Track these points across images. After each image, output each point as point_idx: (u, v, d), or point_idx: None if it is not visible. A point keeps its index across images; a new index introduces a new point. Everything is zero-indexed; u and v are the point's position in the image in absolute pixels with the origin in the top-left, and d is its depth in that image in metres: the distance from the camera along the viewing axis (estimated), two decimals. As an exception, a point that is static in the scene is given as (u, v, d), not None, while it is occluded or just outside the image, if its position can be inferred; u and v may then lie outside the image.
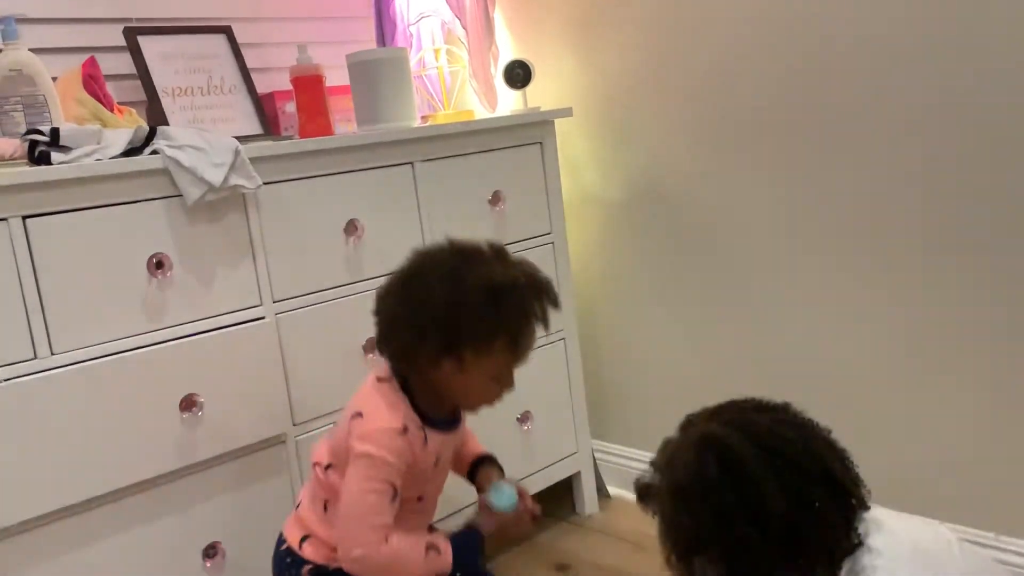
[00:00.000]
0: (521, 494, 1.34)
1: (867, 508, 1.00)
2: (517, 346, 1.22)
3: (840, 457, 1.01)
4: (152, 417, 1.37)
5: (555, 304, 1.26)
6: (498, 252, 1.25)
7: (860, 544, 0.97)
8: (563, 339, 2.01)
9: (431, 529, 1.38)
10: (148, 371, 1.37)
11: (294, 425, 1.55)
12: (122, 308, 1.36)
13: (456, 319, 1.18)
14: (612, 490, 2.19)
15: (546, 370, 1.98)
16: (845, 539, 0.97)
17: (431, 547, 1.24)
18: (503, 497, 1.32)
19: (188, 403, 1.40)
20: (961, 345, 1.57)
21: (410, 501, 1.28)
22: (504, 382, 1.26)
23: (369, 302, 1.63)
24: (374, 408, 1.24)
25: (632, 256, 2.08)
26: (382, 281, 1.64)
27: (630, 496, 2.12)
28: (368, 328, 1.63)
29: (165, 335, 1.40)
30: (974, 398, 1.57)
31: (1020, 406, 1.52)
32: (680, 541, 1.00)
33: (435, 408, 1.28)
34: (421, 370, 1.23)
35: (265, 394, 1.50)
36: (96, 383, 1.32)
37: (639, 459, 2.15)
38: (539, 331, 1.24)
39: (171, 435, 1.39)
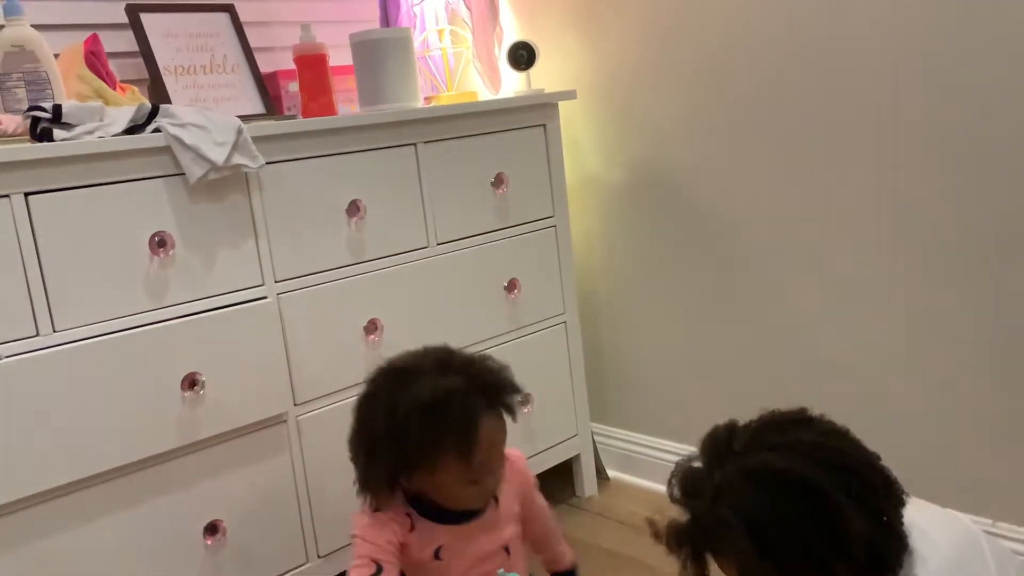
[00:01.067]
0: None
1: (905, 505, 0.98)
2: (468, 454, 1.18)
3: (878, 457, 0.98)
4: (154, 396, 1.37)
5: (511, 391, 1.23)
6: (439, 361, 1.23)
7: (907, 545, 0.95)
8: (564, 322, 2.01)
9: None
10: (150, 350, 1.37)
11: (295, 405, 1.55)
12: (124, 286, 1.36)
13: (399, 446, 1.18)
14: (611, 473, 2.20)
15: (546, 353, 1.98)
16: (904, 548, 0.95)
17: None
18: None
19: (190, 382, 1.41)
20: (962, 335, 1.57)
21: None
22: (480, 483, 1.22)
23: (371, 283, 1.65)
24: None
25: (634, 240, 2.07)
26: (384, 263, 1.66)
27: (629, 479, 2.16)
28: (369, 309, 1.64)
29: (167, 314, 1.40)
30: (974, 387, 1.57)
31: (1020, 395, 1.52)
32: None
33: (446, 506, 1.26)
34: (393, 488, 1.24)
35: (266, 374, 1.50)
36: (98, 361, 1.32)
37: (639, 442, 2.16)
38: (493, 429, 1.20)
39: (173, 414, 1.39)
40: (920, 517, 0.99)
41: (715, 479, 0.97)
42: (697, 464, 1.01)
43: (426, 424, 1.17)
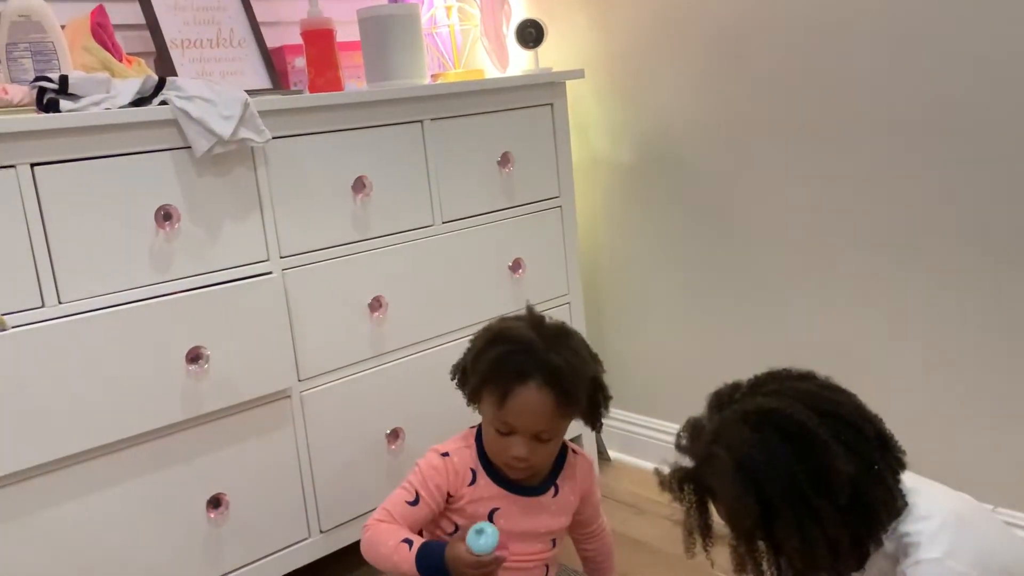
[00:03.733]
0: (502, 544, 1.27)
1: (905, 468, 1.00)
2: (501, 399, 1.25)
3: (879, 419, 1.01)
4: (158, 369, 1.38)
5: (575, 388, 1.26)
6: (549, 326, 1.32)
7: (905, 505, 0.98)
8: (568, 303, 2.01)
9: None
10: (155, 322, 1.37)
11: (299, 380, 1.56)
12: (129, 259, 1.36)
13: (467, 354, 1.34)
14: (613, 454, 2.20)
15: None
16: (901, 501, 0.98)
17: (406, 541, 1.27)
18: (481, 540, 1.23)
19: (194, 355, 1.41)
20: (965, 324, 1.57)
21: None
22: (508, 439, 1.27)
23: (377, 259, 1.65)
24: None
25: (639, 221, 2.07)
26: (389, 240, 1.66)
27: (630, 460, 2.16)
28: (374, 286, 1.64)
29: (172, 287, 1.40)
30: (976, 374, 1.57)
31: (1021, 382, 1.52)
32: (748, 520, 0.97)
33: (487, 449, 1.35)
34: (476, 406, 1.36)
35: (271, 349, 1.50)
36: (103, 333, 1.32)
37: (640, 424, 2.17)
38: (538, 399, 1.24)
39: (177, 387, 1.40)
40: (923, 483, 1.02)
41: (713, 423, 1.01)
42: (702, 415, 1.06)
43: (483, 349, 1.29)
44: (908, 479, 1.01)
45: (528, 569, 1.36)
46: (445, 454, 1.35)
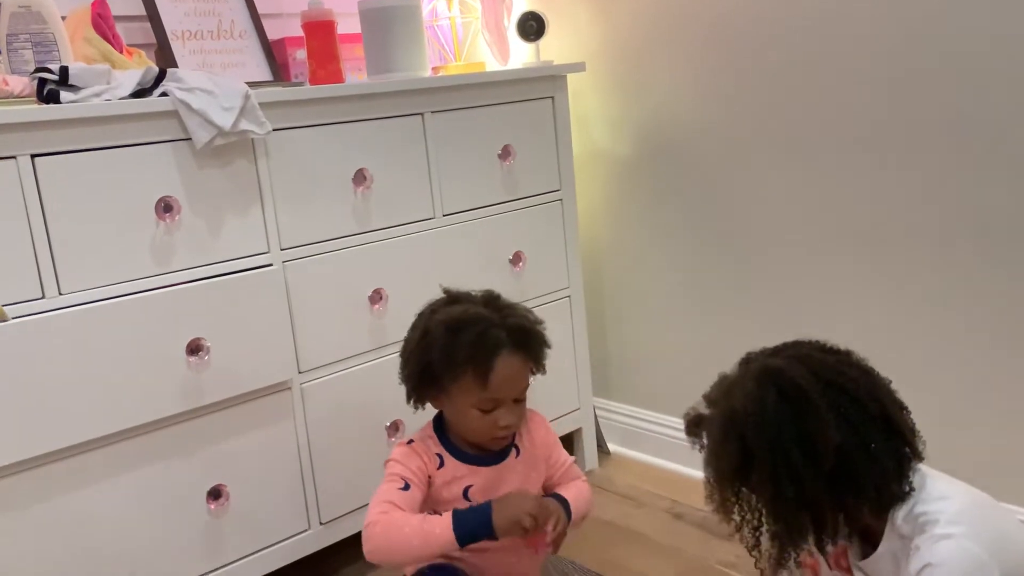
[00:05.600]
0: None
1: (921, 459, 1.01)
2: (484, 378, 1.26)
3: (899, 406, 1.02)
4: (158, 360, 1.38)
5: (540, 343, 1.33)
6: (486, 296, 1.36)
7: (911, 492, 0.98)
8: (568, 296, 2.01)
9: None
10: (155, 314, 1.37)
11: (299, 372, 1.56)
12: (130, 251, 1.36)
13: (424, 354, 1.29)
14: (612, 447, 2.20)
15: (550, 327, 1.95)
16: (896, 485, 0.98)
17: (431, 513, 1.27)
18: None
19: (194, 347, 1.41)
20: (972, 319, 1.57)
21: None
22: (493, 414, 1.29)
23: (377, 253, 1.65)
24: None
25: (641, 214, 2.07)
26: (390, 233, 1.66)
27: (630, 453, 2.17)
28: (374, 279, 1.64)
29: (172, 279, 1.40)
30: (981, 368, 1.57)
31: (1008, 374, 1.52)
32: (724, 466, 1.01)
33: (462, 442, 1.36)
34: (431, 404, 1.35)
35: (271, 341, 1.50)
36: (103, 324, 1.32)
37: (641, 417, 2.17)
38: (513, 365, 1.28)
39: (177, 378, 1.40)
40: (942, 474, 1.03)
41: (729, 379, 1.05)
42: None
43: (450, 338, 1.27)
44: (927, 470, 1.02)
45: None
46: (410, 442, 1.36)
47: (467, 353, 1.26)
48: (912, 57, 1.55)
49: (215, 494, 1.48)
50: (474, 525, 1.21)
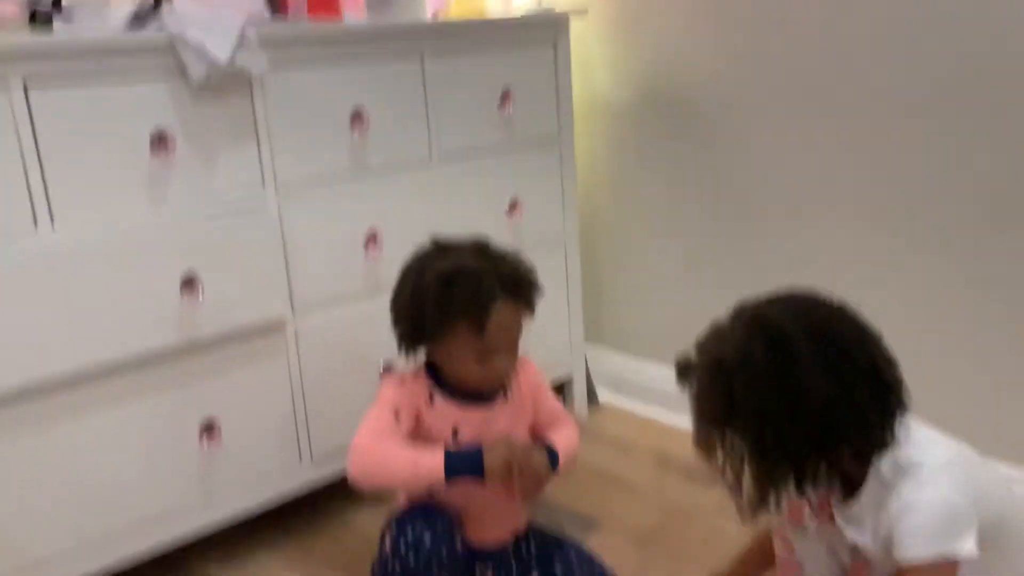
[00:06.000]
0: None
1: (907, 411, 1.02)
2: (480, 329, 1.27)
3: (888, 359, 1.03)
4: (152, 295, 1.38)
5: (532, 288, 1.33)
6: (476, 245, 1.34)
7: (896, 442, 1.00)
8: (563, 243, 2.01)
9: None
10: (149, 249, 1.37)
11: (293, 312, 1.56)
12: (124, 186, 1.35)
13: (418, 307, 1.29)
14: (602, 396, 2.22)
15: (544, 274, 1.94)
16: (879, 436, 1.00)
17: (422, 448, 1.28)
18: None
19: (188, 283, 1.41)
20: (959, 270, 1.57)
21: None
22: (488, 363, 1.30)
23: (372, 194, 1.64)
24: None
25: (640, 162, 2.06)
26: (386, 174, 1.65)
27: (620, 402, 2.18)
28: (369, 220, 1.64)
29: (167, 214, 1.40)
30: (967, 322, 1.58)
31: (1000, 336, 1.54)
32: (708, 412, 1.02)
33: (453, 382, 1.35)
34: (418, 353, 1.35)
35: (264, 279, 1.50)
36: (97, 259, 1.32)
37: (632, 367, 2.18)
38: (506, 313, 1.29)
39: (171, 313, 1.40)
40: (931, 429, 1.05)
41: (721, 326, 1.05)
42: None
43: (444, 291, 1.26)
44: (915, 423, 1.04)
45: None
46: (402, 377, 1.36)
47: (461, 306, 1.26)
48: (936, 15, 1.53)
49: (208, 429, 1.49)
50: (464, 466, 1.23)
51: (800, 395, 0.96)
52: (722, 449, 1.03)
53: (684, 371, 1.07)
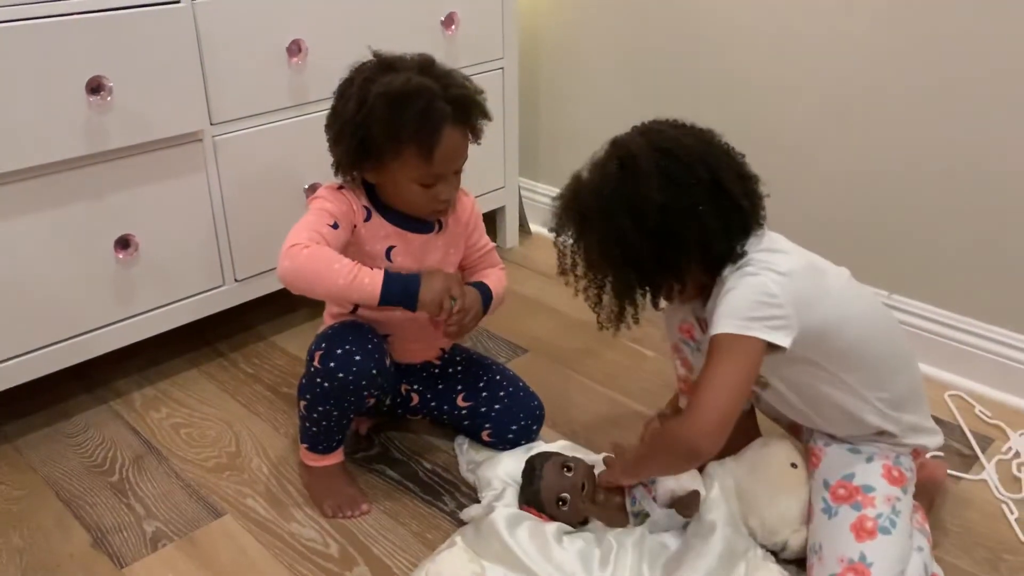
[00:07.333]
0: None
1: (760, 226, 1.06)
2: (429, 154, 1.20)
3: (740, 175, 1.05)
4: (57, 96, 1.29)
5: (480, 115, 1.26)
6: (422, 63, 1.25)
7: (742, 254, 1.03)
8: (501, 68, 1.93)
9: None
10: (51, 46, 1.26)
11: (211, 124, 1.48)
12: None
13: (363, 127, 1.20)
14: (534, 227, 2.22)
15: (481, 98, 1.91)
16: (722, 244, 1.03)
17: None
18: None
19: (95, 86, 1.31)
20: (897, 86, 1.56)
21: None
22: (433, 189, 1.25)
23: (299, 5, 1.53)
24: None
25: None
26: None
27: (551, 234, 2.18)
28: (294, 28, 1.54)
29: (69, 7, 1.28)
30: (894, 157, 1.59)
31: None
32: (563, 225, 1.08)
33: (393, 206, 1.30)
34: (358, 174, 1.27)
35: (180, 86, 1.41)
36: (-7, 51, 1.21)
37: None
38: (455, 138, 1.23)
39: (79, 119, 1.31)
40: (794, 246, 1.08)
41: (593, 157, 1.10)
42: None
43: (393, 112, 1.18)
44: (774, 236, 1.07)
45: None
46: (340, 187, 1.29)
47: (412, 129, 1.19)
48: None
49: (123, 243, 1.44)
50: (400, 291, 1.20)
51: (641, 207, 1.00)
52: (582, 265, 1.08)
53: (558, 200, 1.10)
